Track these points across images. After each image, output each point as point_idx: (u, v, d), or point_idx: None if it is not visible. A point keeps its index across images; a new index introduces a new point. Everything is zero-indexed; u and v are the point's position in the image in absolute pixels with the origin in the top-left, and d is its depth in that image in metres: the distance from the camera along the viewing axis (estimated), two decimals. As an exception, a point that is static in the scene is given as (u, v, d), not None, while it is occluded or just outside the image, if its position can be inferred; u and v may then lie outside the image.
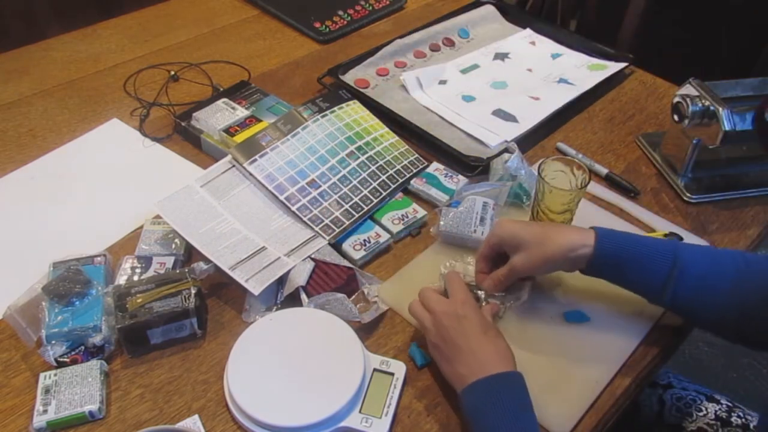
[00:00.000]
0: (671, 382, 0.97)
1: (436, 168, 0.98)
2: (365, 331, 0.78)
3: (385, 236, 0.88)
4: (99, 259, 0.81)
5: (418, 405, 0.71)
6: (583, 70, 1.21)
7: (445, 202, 0.93)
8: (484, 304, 0.78)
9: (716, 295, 0.70)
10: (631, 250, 0.72)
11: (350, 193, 0.92)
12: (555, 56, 1.26)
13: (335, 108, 1.01)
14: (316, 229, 0.87)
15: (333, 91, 1.07)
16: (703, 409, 0.92)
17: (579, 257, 0.72)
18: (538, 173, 0.82)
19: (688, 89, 0.94)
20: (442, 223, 0.87)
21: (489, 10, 1.37)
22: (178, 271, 0.78)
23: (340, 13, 1.35)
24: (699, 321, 0.75)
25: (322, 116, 0.99)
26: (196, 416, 0.69)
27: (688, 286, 0.70)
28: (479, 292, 0.79)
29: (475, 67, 1.22)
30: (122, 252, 0.84)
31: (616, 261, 0.72)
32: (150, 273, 0.80)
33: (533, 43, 1.30)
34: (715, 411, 0.91)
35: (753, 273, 0.70)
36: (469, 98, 1.14)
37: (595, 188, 0.98)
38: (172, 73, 1.17)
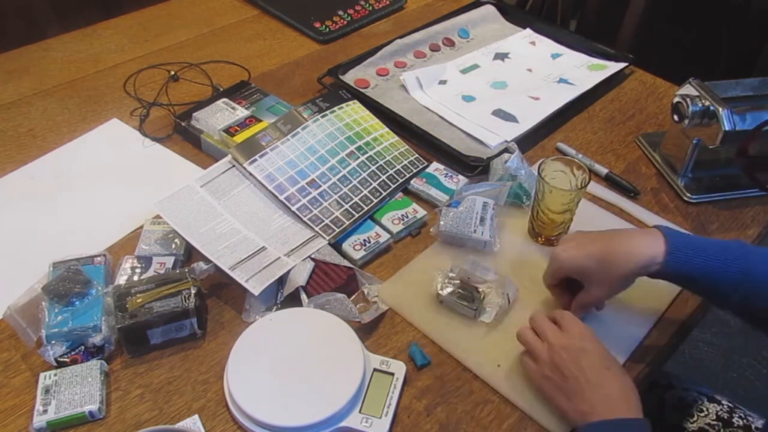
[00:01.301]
0: (671, 382, 0.97)
1: (436, 168, 0.98)
2: (365, 331, 0.78)
3: (385, 236, 0.88)
4: (99, 259, 0.81)
5: (418, 405, 0.71)
6: (583, 70, 1.21)
7: (445, 202, 0.93)
8: (482, 298, 0.78)
9: None
10: (701, 265, 0.69)
11: (350, 193, 0.92)
12: (555, 56, 1.26)
13: (335, 108, 1.01)
14: (316, 229, 0.87)
15: (333, 91, 1.07)
16: (704, 409, 0.92)
17: (648, 272, 0.70)
18: (538, 173, 0.83)
19: (688, 89, 0.94)
20: (442, 223, 0.87)
21: (489, 10, 1.37)
22: (178, 271, 0.78)
23: (340, 13, 1.35)
24: (762, 327, 0.73)
25: (322, 116, 0.99)
26: (196, 416, 0.69)
27: (757, 297, 0.69)
28: (476, 293, 0.79)
29: (475, 67, 1.22)
30: (122, 252, 0.84)
31: (685, 275, 0.70)
32: (150, 273, 0.80)
33: (533, 43, 1.30)
34: (717, 411, 0.91)
35: None
36: (469, 98, 1.14)
37: (595, 188, 0.98)
38: (172, 73, 1.17)
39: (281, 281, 0.80)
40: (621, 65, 1.21)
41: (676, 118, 0.95)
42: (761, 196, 0.98)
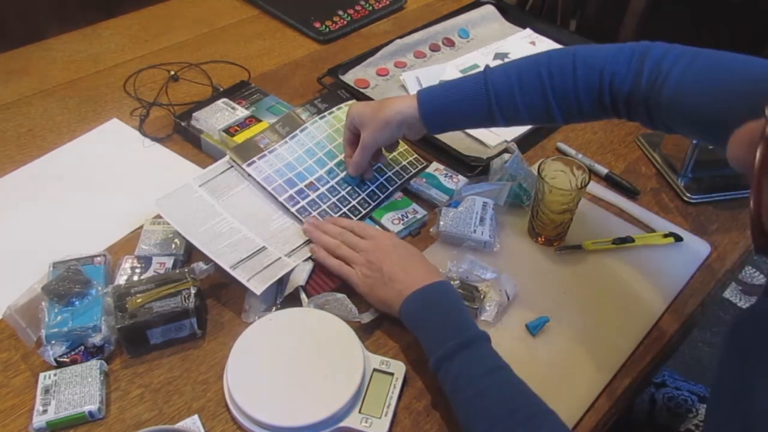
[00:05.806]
0: (665, 380, 0.97)
1: (436, 168, 0.98)
2: (365, 331, 0.78)
3: (385, 236, 0.88)
4: (99, 259, 0.81)
5: (418, 405, 0.71)
6: (583, 70, 1.21)
7: (445, 202, 0.93)
8: (482, 297, 0.79)
9: (525, 103, 0.79)
10: (450, 98, 0.81)
11: (348, 196, 0.92)
12: (555, 56, 1.25)
13: (334, 109, 1.01)
14: (316, 229, 0.86)
15: (332, 92, 1.07)
16: (694, 410, 0.91)
17: (411, 121, 0.83)
18: (538, 173, 0.83)
19: (688, 89, 0.94)
20: (441, 223, 0.87)
21: (489, 10, 1.37)
22: (177, 271, 0.78)
23: (340, 13, 1.35)
24: (523, 122, 0.84)
25: (321, 118, 0.99)
26: (196, 416, 0.69)
27: (506, 105, 0.79)
28: (476, 291, 0.79)
29: (475, 67, 1.22)
30: (122, 252, 0.84)
31: (441, 112, 0.82)
32: (150, 273, 0.80)
33: (533, 43, 1.30)
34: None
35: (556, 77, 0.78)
36: (469, 98, 1.14)
37: (595, 188, 0.98)
38: (172, 73, 1.17)
39: (281, 281, 0.80)
40: (621, 65, 1.21)
41: (676, 118, 0.95)
42: (761, 196, 0.98)
